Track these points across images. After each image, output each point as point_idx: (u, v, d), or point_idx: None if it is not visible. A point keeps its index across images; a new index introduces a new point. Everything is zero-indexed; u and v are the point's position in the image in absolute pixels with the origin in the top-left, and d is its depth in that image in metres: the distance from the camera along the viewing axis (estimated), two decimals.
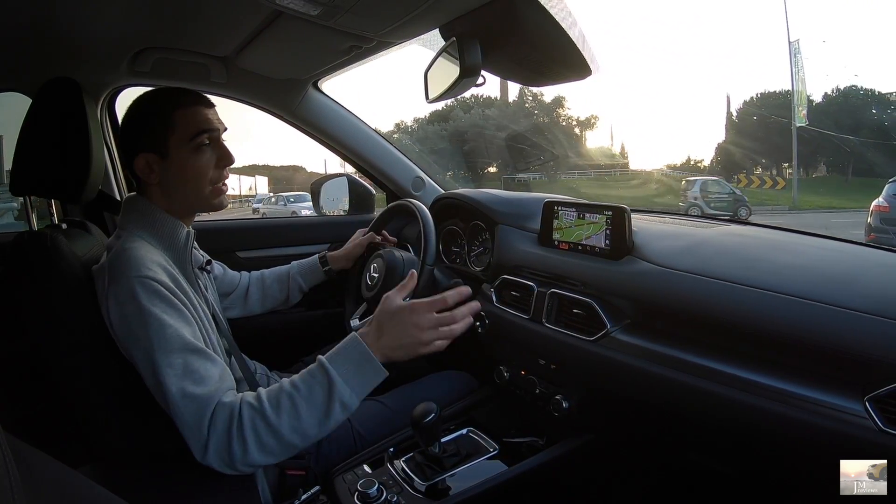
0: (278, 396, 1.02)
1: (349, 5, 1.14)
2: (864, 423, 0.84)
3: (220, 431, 1.00)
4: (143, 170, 1.20)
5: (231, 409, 1.01)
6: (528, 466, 1.32)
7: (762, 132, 25.99)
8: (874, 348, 0.87)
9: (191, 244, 1.25)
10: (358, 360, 1.06)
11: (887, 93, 25.86)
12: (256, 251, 2.12)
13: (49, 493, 0.58)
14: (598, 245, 1.33)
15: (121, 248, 1.11)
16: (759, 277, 1.06)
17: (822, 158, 26.53)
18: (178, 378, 1.01)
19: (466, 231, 1.87)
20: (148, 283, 1.06)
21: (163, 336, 1.03)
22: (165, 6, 1.32)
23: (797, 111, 20.55)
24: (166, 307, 1.07)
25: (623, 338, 1.21)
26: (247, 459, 1.00)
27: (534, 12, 1.05)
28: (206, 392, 1.01)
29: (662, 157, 64.15)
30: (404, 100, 20.96)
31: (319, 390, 1.03)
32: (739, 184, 21.77)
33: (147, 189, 1.23)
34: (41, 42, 1.45)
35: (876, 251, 1.18)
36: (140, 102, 1.24)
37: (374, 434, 1.44)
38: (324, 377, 1.04)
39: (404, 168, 2.25)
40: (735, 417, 1.01)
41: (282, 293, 1.75)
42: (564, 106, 31.46)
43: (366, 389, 1.07)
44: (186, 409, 1.00)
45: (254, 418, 1.00)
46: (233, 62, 1.69)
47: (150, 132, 1.19)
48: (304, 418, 1.02)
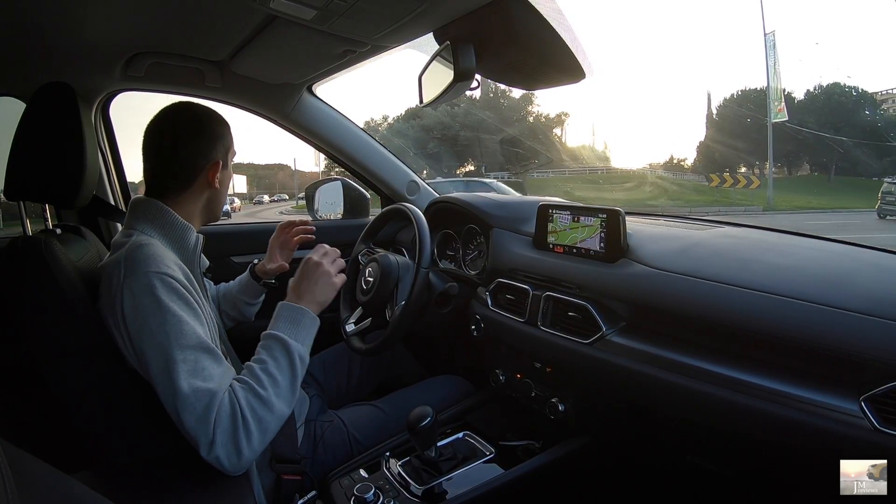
0: (254, 372, 1.11)
1: (343, 10, 1.14)
2: (859, 423, 0.85)
3: (225, 425, 1.03)
4: (213, 174, 1.27)
5: (230, 401, 1.05)
6: (524, 470, 1.32)
7: (741, 130, 25.96)
8: (869, 348, 0.88)
9: (199, 249, 1.28)
10: (294, 318, 1.20)
11: (874, 92, 25.86)
12: (251, 256, 2.11)
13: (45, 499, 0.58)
14: (593, 248, 1.34)
15: (137, 244, 1.12)
16: (753, 279, 1.06)
17: (806, 157, 26.45)
18: (188, 374, 1.03)
19: (461, 235, 1.87)
20: (166, 279, 1.08)
21: (180, 331, 1.05)
22: (160, 11, 1.32)
23: (773, 106, 20.19)
24: (183, 304, 1.09)
25: (618, 340, 1.21)
26: (251, 444, 1.04)
27: (527, 16, 1.06)
28: (212, 387, 1.04)
29: (646, 155, 64.13)
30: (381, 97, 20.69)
31: (280, 354, 1.14)
32: (711, 183, 21.36)
33: (174, 195, 1.25)
34: (36, 47, 1.44)
35: (869, 251, 1.19)
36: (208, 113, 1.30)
37: (371, 439, 1.44)
38: (277, 342, 1.15)
39: (399, 172, 2.25)
40: (731, 418, 1.01)
41: (234, 310, 1.70)
42: (534, 102, 31.19)
43: (310, 338, 1.21)
44: (198, 403, 1.02)
45: (248, 397, 1.06)
46: (227, 67, 1.69)
47: (221, 142, 1.28)
48: (281, 383, 1.11)
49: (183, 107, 1.27)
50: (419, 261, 1.51)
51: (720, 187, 20.22)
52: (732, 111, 27.77)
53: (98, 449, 1.17)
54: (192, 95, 1.82)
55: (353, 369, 1.79)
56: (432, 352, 1.94)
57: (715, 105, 30.33)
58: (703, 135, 30.49)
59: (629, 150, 65.44)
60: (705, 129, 30.73)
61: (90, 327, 1.10)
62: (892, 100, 25.75)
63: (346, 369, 1.78)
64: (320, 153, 2.20)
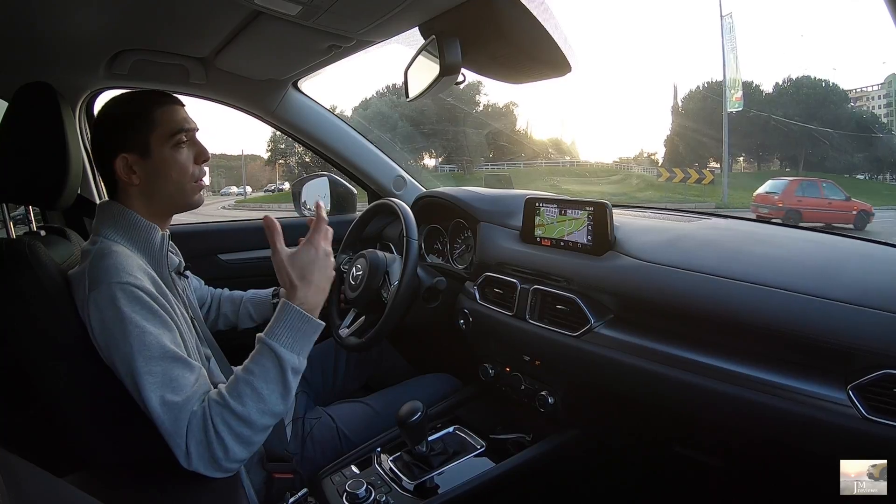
0: (237, 387, 1.04)
1: (328, 5, 1.14)
2: (847, 412, 0.86)
3: (198, 438, 1.01)
4: (123, 171, 1.18)
5: (202, 414, 1.02)
6: (515, 463, 1.33)
7: (706, 123, 25.10)
8: (855, 338, 0.89)
9: (166, 248, 1.24)
10: (295, 324, 1.10)
11: (849, 90, 25.53)
12: (238, 254, 2.10)
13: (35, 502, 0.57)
14: (581, 241, 1.34)
15: (100, 254, 1.10)
16: (740, 269, 1.07)
17: (778, 152, 26.17)
18: (157, 386, 1.01)
19: (448, 229, 1.87)
20: (129, 289, 1.05)
21: (143, 343, 1.02)
22: (143, 8, 1.30)
23: (729, 94, 18.28)
24: (147, 314, 1.06)
25: (607, 333, 1.21)
26: (230, 456, 1.02)
27: (513, 9, 1.05)
28: (182, 399, 1.02)
29: (615, 150, 64.00)
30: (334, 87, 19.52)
31: (271, 366, 1.06)
32: (660, 178, 19.97)
33: (125, 192, 1.21)
34: (18, 46, 1.42)
35: (855, 241, 1.20)
36: (117, 103, 1.22)
37: (359, 435, 1.44)
38: (270, 353, 1.07)
39: (385, 167, 2.25)
40: (720, 409, 1.02)
41: (233, 315, 1.69)
42: (481, 91, 28.90)
43: (309, 347, 1.12)
44: (166, 417, 1.00)
45: (223, 415, 1.02)
46: (212, 63, 1.68)
47: (131, 131, 1.18)
48: (267, 398, 1.05)
49: (106, 102, 1.24)
50: (407, 256, 1.51)
51: (671, 182, 18.71)
52: (696, 104, 27.01)
53: (87, 450, 1.16)
54: (177, 92, 1.79)
55: (339, 366, 1.79)
56: (420, 347, 1.94)
57: (681, 97, 29.19)
58: (668, 128, 29.44)
59: (597, 145, 64.94)
60: (671, 124, 29.66)
61: (74, 329, 1.09)
62: (867, 97, 25.63)
63: (332, 366, 1.78)
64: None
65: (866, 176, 22.96)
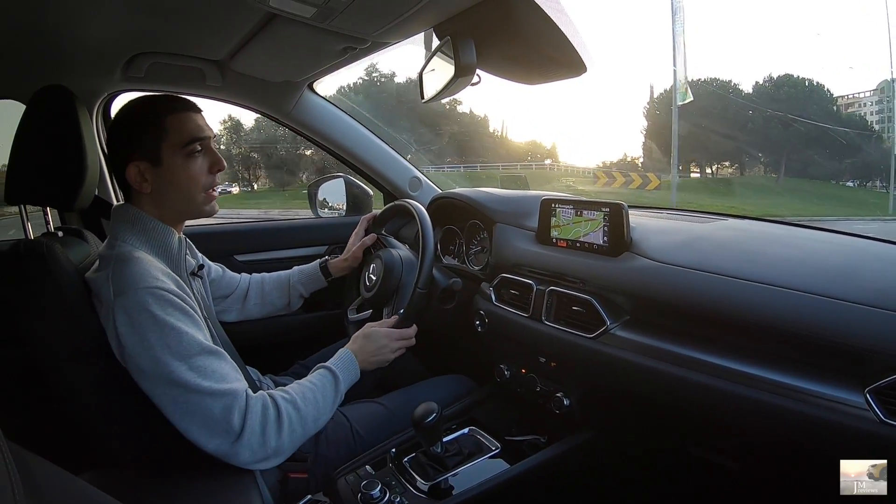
0: (303, 391, 1.21)
1: (343, 7, 1.14)
2: (864, 415, 0.85)
3: (255, 421, 1.09)
4: (135, 179, 1.20)
5: (263, 400, 1.12)
6: (530, 464, 1.32)
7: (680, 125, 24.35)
8: (873, 340, 0.87)
9: (184, 251, 1.26)
10: (348, 364, 1.34)
11: (839, 95, 24.47)
12: (254, 254, 2.11)
13: (52, 499, 0.58)
14: (596, 242, 1.34)
15: (121, 259, 1.11)
16: (757, 271, 1.06)
17: (761, 156, 25.28)
18: (203, 379, 1.05)
19: (464, 230, 1.87)
20: (158, 293, 1.07)
21: (181, 343, 1.06)
22: (159, 11, 1.32)
23: (678, 86, 15.69)
24: (180, 315, 1.08)
25: (622, 334, 1.21)
26: (279, 445, 1.12)
27: (528, 10, 1.05)
28: (231, 388, 1.07)
29: (598, 154, 63.19)
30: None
31: (329, 385, 1.26)
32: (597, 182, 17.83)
33: (138, 198, 1.23)
34: (36, 50, 1.44)
35: (872, 242, 1.18)
36: (129, 110, 1.23)
37: (373, 435, 1.44)
38: (331, 375, 1.28)
39: (401, 168, 2.25)
40: (736, 411, 1.01)
41: (281, 300, 1.74)
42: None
43: (350, 384, 1.34)
44: (215, 405, 1.05)
45: (287, 408, 1.14)
46: (227, 66, 1.69)
47: (142, 140, 1.19)
48: (321, 407, 1.22)
49: (121, 108, 1.25)
50: (422, 257, 1.52)
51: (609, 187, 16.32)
52: (667, 104, 24.58)
53: (103, 449, 1.17)
54: (194, 95, 1.81)
55: None
56: (435, 348, 1.94)
57: (657, 96, 27.64)
58: (644, 131, 27.85)
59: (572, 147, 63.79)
60: (645, 127, 28.21)
61: (92, 329, 1.10)
62: (859, 104, 24.76)
63: None
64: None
65: (855, 183, 22.18)
